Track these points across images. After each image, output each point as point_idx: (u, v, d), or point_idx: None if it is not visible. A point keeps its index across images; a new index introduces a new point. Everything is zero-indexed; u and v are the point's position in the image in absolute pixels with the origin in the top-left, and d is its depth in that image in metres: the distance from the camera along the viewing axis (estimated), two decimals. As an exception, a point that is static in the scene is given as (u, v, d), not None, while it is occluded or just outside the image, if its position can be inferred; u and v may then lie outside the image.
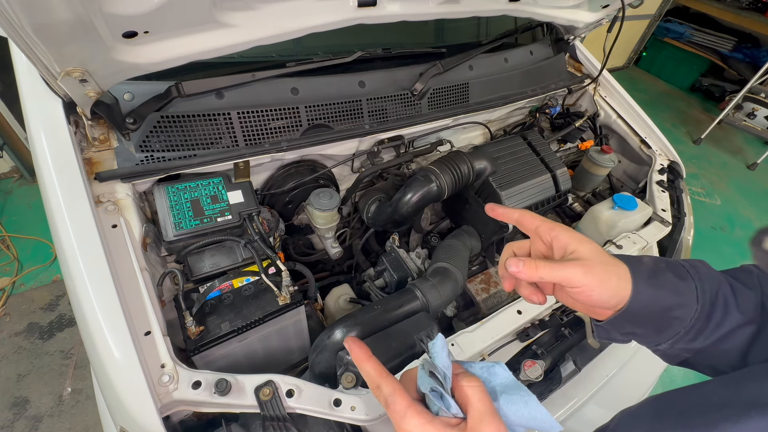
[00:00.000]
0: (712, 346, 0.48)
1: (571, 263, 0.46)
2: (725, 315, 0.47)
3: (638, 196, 1.36)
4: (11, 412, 1.75)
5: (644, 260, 0.50)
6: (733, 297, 0.48)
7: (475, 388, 0.41)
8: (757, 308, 0.48)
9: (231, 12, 0.80)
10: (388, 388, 0.42)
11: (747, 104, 4.20)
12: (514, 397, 0.42)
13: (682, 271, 0.49)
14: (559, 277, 0.46)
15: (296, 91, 1.06)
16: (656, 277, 0.47)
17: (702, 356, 0.49)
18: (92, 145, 0.89)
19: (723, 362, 0.49)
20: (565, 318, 1.03)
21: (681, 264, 0.50)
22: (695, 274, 0.49)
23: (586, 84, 1.65)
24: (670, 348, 0.49)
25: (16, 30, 0.57)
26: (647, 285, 0.46)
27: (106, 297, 0.70)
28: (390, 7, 0.98)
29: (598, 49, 1.55)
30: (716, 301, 0.47)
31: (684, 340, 0.48)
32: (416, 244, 1.39)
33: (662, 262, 0.51)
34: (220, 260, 0.93)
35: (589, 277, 0.45)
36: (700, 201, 3.59)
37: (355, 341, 0.48)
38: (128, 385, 0.66)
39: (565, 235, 0.49)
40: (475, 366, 0.46)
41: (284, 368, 1.02)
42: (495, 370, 0.46)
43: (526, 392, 0.43)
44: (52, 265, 2.33)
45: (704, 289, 0.47)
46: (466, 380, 0.42)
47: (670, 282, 0.47)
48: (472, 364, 0.47)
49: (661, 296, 0.47)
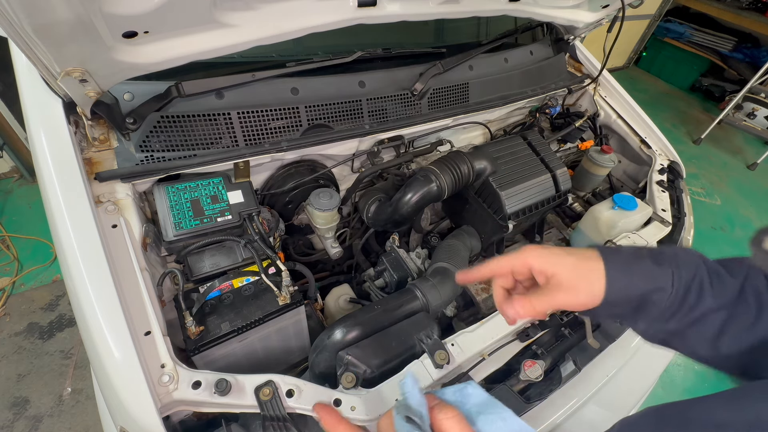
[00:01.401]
0: (686, 328, 0.51)
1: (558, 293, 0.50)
2: (699, 299, 0.49)
3: (638, 196, 1.36)
4: (11, 412, 1.75)
5: (622, 250, 0.54)
6: (710, 283, 0.50)
7: (452, 419, 0.41)
8: (734, 295, 0.50)
9: (231, 12, 0.80)
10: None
11: (747, 104, 4.20)
12: (492, 416, 0.42)
13: (661, 258, 0.52)
14: (554, 306, 0.51)
15: (296, 91, 1.06)
16: (631, 265, 0.51)
17: (678, 338, 0.52)
18: (92, 145, 0.89)
19: (698, 345, 0.51)
20: (565, 318, 1.03)
21: (663, 251, 0.53)
22: (674, 260, 0.52)
23: (586, 84, 1.65)
24: (648, 328, 0.53)
25: (16, 30, 0.57)
26: (622, 275, 0.50)
27: (106, 297, 0.70)
28: (390, 7, 0.98)
29: (598, 49, 1.55)
30: (691, 285, 0.50)
31: (659, 321, 0.51)
32: (416, 244, 1.39)
33: (645, 251, 0.54)
34: (220, 260, 0.93)
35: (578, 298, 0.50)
36: (700, 201, 3.59)
37: (324, 408, 0.52)
38: (128, 385, 0.66)
39: (537, 261, 0.52)
40: (447, 392, 0.46)
41: (284, 368, 1.02)
42: (467, 392, 0.45)
43: (501, 408, 0.43)
44: (52, 265, 2.33)
45: (681, 275, 0.50)
46: (443, 413, 0.42)
47: (646, 269, 0.51)
48: (444, 390, 0.46)
49: (635, 283, 0.50)
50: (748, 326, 0.48)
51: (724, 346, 0.49)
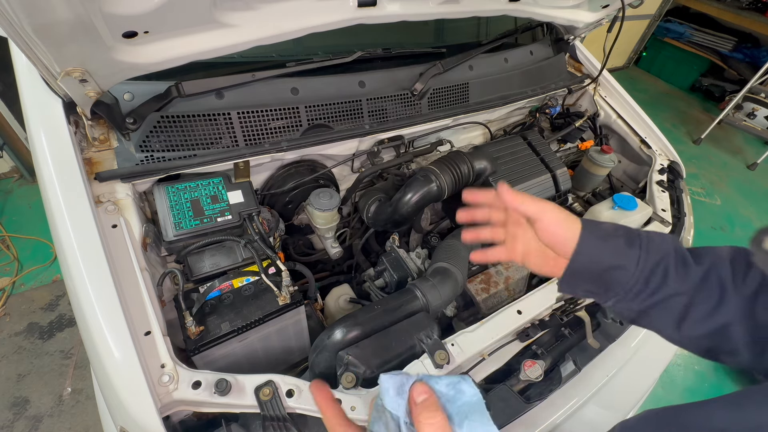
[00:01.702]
0: (649, 309, 0.54)
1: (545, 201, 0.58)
2: (662, 283, 0.52)
3: (638, 196, 1.36)
4: (11, 412, 1.75)
5: (603, 225, 0.58)
6: (675, 269, 0.53)
7: (434, 426, 0.41)
8: (697, 283, 0.52)
9: (231, 12, 0.80)
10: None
11: (747, 104, 4.20)
12: (476, 425, 0.42)
13: (634, 240, 0.55)
14: (535, 207, 0.57)
15: (296, 91, 1.06)
16: (605, 239, 0.55)
17: (644, 317, 0.56)
18: (92, 145, 0.89)
19: (662, 326, 0.55)
20: (565, 318, 1.03)
21: (640, 234, 0.56)
22: (645, 244, 0.54)
23: (586, 84, 1.65)
24: (616, 305, 0.57)
25: (16, 30, 0.57)
26: (593, 242, 0.55)
27: (106, 297, 0.70)
28: (390, 7, 0.98)
29: (598, 49, 1.55)
30: (656, 269, 0.53)
31: (625, 300, 0.55)
32: (416, 244, 1.39)
33: (622, 230, 0.57)
34: (220, 260, 0.93)
35: (556, 213, 0.57)
36: (700, 201, 3.59)
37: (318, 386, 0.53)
38: (128, 385, 0.66)
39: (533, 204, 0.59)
40: (441, 382, 0.46)
41: (284, 368, 1.02)
42: (461, 387, 0.45)
43: (488, 419, 0.43)
44: (52, 265, 2.33)
45: (647, 258, 0.53)
46: (427, 416, 0.42)
47: (616, 245, 0.54)
48: (439, 379, 0.46)
49: (602, 254, 0.55)
50: (710, 311, 0.50)
51: (687, 329, 0.52)
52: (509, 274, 1.28)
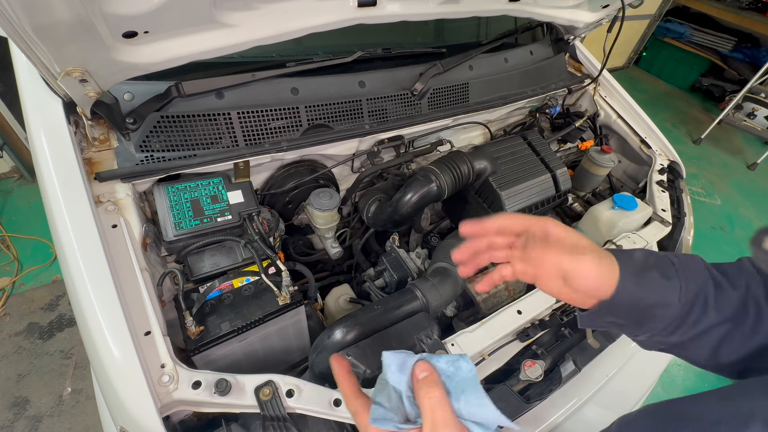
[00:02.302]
0: (687, 342, 0.51)
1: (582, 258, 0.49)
2: (702, 314, 0.49)
3: (638, 196, 1.36)
4: (11, 412, 1.75)
5: (635, 255, 0.53)
6: (714, 297, 0.50)
7: (435, 399, 0.42)
8: (736, 308, 0.49)
9: (231, 12, 0.80)
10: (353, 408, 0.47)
11: (747, 104, 4.20)
12: (473, 399, 0.44)
13: (669, 270, 0.51)
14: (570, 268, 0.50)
15: (296, 91, 1.06)
16: (643, 275, 0.50)
17: (677, 348, 0.52)
18: (92, 145, 0.89)
19: (697, 355, 0.52)
20: (565, 318, 1.03)
21: (670, 261, 0.53)
22: (682, 272, 0.51)
23: (586, 84, 1.65)
24: (648, 340, 0.53)
25: (16, 30, 0.57)
26: (633, 282, 0.49)
27: (106, 297, 0.70)
28: (390, 7, 0.98)
29: (598, 49, 1.55)
30: (696, 300, 0.49)
31: (662, 335, 0.51)
32: (416, 244, 1.39)
33: (651, 257, 0.53)
34: (220, 260, 0.93)
35: (593, 259, 0.49)
36: (700, 201, 3.59)
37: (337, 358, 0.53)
38: (128, 385, 0.66)
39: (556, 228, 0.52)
40: (441, 360, 0.48)
41: (284, 368, 1.02)
42: (459, 365, 0.47)
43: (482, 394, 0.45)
44: (52, 265, 2.33)
45: (688, 289, 0.50)
46: (425, 390, 0.44)
47: (655, 281, 0.50)
48: (440, 357, 0.48)
49: (644, 294, 0.49)
50: (747, 334, 0.48)
51: (723, 356, 0.49)
52: (509, 274, 1.28)
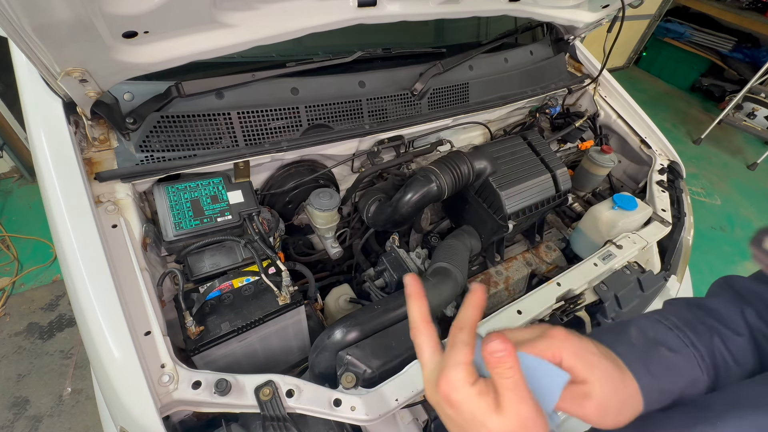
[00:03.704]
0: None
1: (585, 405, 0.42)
2: (727, 375, 0.47)
3: (638, 196, 1.36)
4: (11, 412, 1.75)
5: (633, 339, 0.49)
6: (728, 351, 0.48)
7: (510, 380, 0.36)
8: (753, 355, 0.49)
9: (231, 12, 0.80)
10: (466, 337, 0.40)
11: (747, 104, 4.20)
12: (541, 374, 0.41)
13: (674, 341, 0.48)
14: (574, 416, 0.44)
15: (296, 91, 1.06)
16: (652, 360, 0.46)
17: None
18: (92, 145, 0.89)
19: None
20: (565, 318, 1.03)
21: (666, 325, 0.50)
22: (685, 337, 0.48)
23: (586, 84, 1.65)
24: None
25: (16, 30, 0.57)
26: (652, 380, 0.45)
27: (106, 297, 0.70)
28: (390, 7, 0.98)
29: (598, 49, 1.55)
30: (717, 362, 0.48)
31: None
32: (416, 244, 1.39)
33: (649, 329, 0.50)
34: (220, 260, 0.93)
35: (605, 420, 0.43)
36: (700, 201, 3.59)
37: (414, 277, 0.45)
38: (128, 385, 0.66)
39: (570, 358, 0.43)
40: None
41: (284, 368, 1.02)
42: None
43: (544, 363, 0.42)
44: (52, 265, 2.33)
45: (702, 353, 0.47)
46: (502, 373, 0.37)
47: (668, 363, 0.47)
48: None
49: (669, 387, 0.46)
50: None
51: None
52: (509, 274, 1.28)
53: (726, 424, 0.35)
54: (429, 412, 0.83)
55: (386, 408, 0.73)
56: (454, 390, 0.37)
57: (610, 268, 1.11)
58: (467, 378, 0.37)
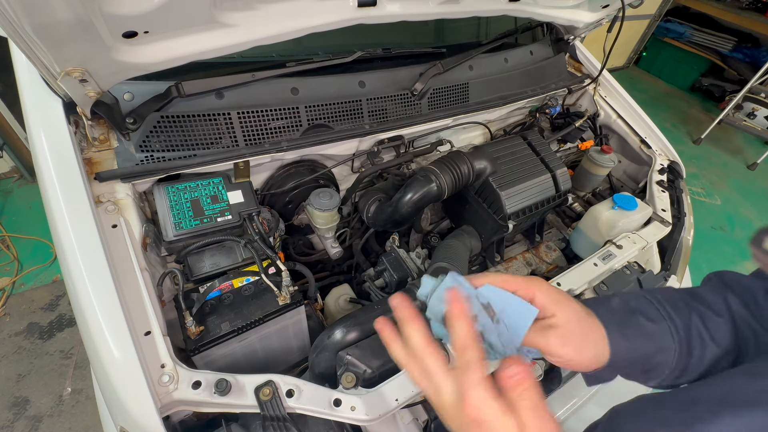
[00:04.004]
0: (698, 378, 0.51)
1: (548, 333, 0.46)
2: (703, 349, 0.49)
3: (638, 196, 1.36)
4: (11, 412, 1.75)
5: (613, 304, 0.51)
6: (706, 329, 0.50)
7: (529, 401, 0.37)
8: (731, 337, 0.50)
9: (231, 12, 0.80)
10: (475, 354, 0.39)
11: (747, 104, 4.20)
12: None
13: (652, 312, 0.51)
14: (536, 345, 0.47)
15: (296, 91, 1.06)
16: (627, 324, 0.49)
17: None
18: (92, 145, 0.89)
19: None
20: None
21: (648, 300, 0.52)
22: (664, 311, 0.50)
23: (586, 84, 1.65)
24: (659, 385, 0.53)
25: (16, 30, 0.57)
26: (623, 339, 0.48)
27: (106, 297, 0.70)
28: (390, 7, 0.98)
29: (598, 49, 1.55)
30: (691, 336, 0.49)
31: (670, 378, 0.51)
32: (416, 244, 1.39)
33: (632, 301, 0.52)
34: (220, 260, 0.93)
35: (565, 349, 0.46)
36: (700, 201, 3.59)
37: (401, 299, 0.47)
38: (128, 385, 0.66)
39: (542, 295, 0.47)
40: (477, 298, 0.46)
41: (284, 368, 1.02)
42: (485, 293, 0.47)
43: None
44: (52, 265, 2.33)
45: (677, 325, 0.49)
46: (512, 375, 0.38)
47: (643, 329, 0.49)
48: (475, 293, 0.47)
49: (638, 347, 0.48)
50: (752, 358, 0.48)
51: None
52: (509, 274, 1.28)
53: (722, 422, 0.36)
54: (429, 412, 0.83)
55: (386, 408, 0.73)
56: (481, 411, 0.37)
57: (610, 268, 1.11)
58: (490, 394, 0.38)
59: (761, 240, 0.46)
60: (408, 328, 0.44)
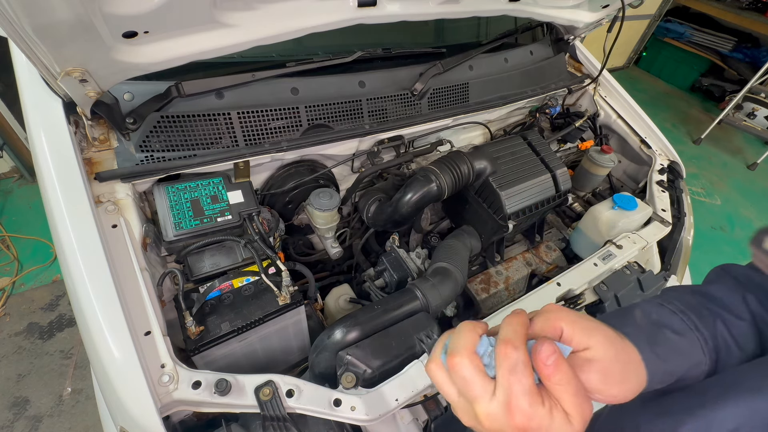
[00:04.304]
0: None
1: (585, 369, 0.40)
2: (729, 357, 0.48)
3: (638, 196, 1.36)
4: (11, 412, 1.75)
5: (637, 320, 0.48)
6: (731, 336, 0.48)
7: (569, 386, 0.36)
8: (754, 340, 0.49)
9: (231, 12, 0.80)
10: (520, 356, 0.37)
11: (747, 104, 4.20)
12: None
13: (677, 323, 0.48)
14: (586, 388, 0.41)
15: (296, 91, 1.06)
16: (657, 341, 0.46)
17: None
18: (92, 145, 0.89)
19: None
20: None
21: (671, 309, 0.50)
22: (689, 321, 0.48)
23: (586, 84, 1.65)
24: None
25: (16, 30, 0.57)
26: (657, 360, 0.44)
27: (106, 297, 0.70)
28: (390, 7, 0.98)
29: (598, 49, 1.55)
30: (719, 346, 0.48)
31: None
32: (416, 244, 1.39)
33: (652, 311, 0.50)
34: (220, 260, 0.93)
35: (608, 385, 0.40)
36: (700, 201, 3.59)
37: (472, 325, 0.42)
38: (128, 385, 0.66)
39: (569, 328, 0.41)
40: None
41: (284, 368, 1.02)
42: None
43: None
44: (52, 265, 2.33)
45: (705, 337, 0.48)
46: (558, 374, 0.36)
47: (673, 345, 0.46)
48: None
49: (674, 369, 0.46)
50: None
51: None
52: (509, 274, 1.28)
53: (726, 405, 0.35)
54: (429, 412, 0.83)
55: (386, 408, 0.73)
56: (530, 419, 0.35)
57: (610, 268, 1.11)
58: (539, 400, 0.36)
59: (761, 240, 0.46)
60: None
